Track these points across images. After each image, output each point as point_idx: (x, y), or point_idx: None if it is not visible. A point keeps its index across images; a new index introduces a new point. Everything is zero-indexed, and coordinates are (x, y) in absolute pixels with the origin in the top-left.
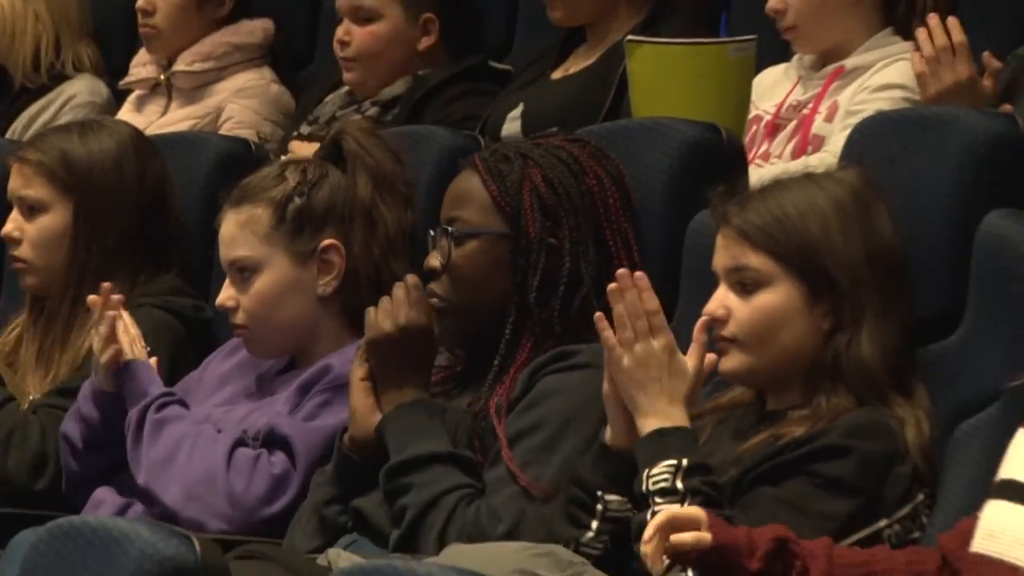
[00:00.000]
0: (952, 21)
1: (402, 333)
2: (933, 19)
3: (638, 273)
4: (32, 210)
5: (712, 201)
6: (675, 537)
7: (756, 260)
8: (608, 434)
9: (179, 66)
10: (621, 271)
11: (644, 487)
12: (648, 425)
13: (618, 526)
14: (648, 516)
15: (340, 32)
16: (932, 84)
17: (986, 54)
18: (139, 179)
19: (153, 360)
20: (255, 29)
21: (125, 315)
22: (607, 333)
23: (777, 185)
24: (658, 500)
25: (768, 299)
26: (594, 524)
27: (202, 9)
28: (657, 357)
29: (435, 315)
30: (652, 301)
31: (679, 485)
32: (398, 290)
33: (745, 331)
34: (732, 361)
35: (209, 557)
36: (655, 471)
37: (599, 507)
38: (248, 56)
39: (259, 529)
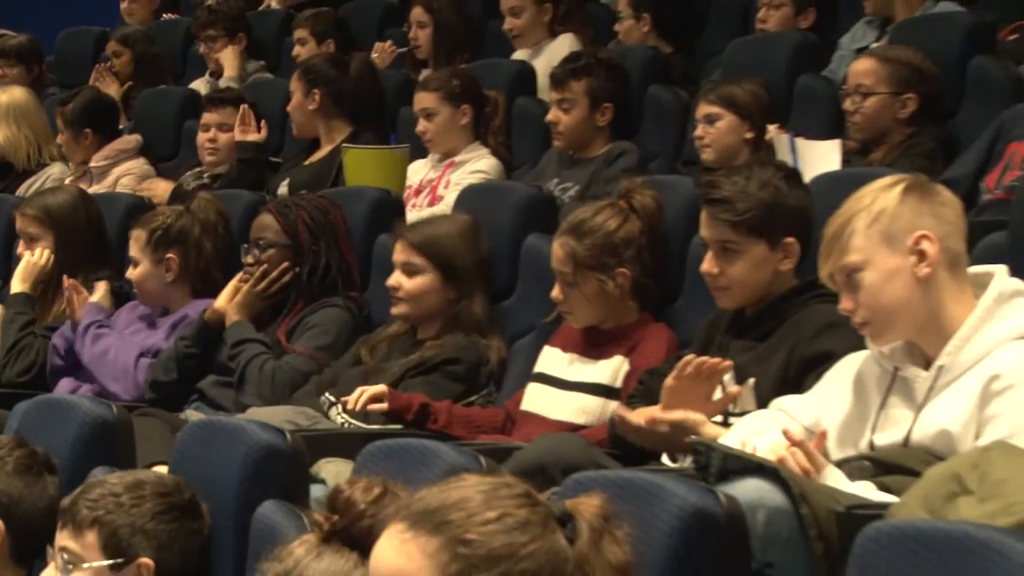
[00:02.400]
0: None
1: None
2: None
3: None
4: (31, 240)
5: (397, 228)
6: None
7: (419, 260)
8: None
9: (92, 163)
10: None
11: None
12: None
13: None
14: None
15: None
16: None
17: None
18: (88, 216)
19: (97, 298)
20: (131, 140)
21: (84, 291)
22: None
23: (432, 220)
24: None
25: (423, 280)
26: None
27: (78, 141)
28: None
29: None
30: None
31: None
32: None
33: (410, 296)
34: (401, 311)
35: (122, 416)
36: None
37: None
38: (128, 155)
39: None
